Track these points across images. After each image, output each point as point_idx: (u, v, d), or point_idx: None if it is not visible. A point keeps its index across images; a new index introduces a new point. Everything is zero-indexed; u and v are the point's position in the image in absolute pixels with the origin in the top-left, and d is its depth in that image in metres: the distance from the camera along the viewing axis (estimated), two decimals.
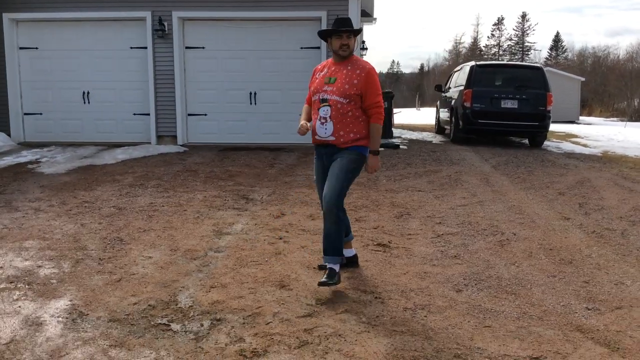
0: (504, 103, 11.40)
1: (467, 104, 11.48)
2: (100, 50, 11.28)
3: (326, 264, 3.77)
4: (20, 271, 4.17)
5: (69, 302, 3.60)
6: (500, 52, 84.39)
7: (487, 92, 11.46)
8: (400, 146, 11.39)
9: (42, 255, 4.56)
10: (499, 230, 5.28)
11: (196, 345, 3.02)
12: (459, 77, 13.02)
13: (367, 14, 17.07)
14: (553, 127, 20.50)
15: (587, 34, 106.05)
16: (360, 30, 3.90)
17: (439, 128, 15.45)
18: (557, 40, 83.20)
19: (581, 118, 35.64)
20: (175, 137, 11.25)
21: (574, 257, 4.49)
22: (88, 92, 11.40)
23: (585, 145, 12.76)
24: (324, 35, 3.87)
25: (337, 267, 3.74)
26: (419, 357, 2.88)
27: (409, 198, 6.66)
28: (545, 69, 36.06)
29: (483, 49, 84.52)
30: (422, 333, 3.15)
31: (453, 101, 12.60)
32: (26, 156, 9.78)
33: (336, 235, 3.74)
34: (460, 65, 14.65)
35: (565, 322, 3.31)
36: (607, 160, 10.13)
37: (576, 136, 15.60)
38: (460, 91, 11.93)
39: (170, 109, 11.19)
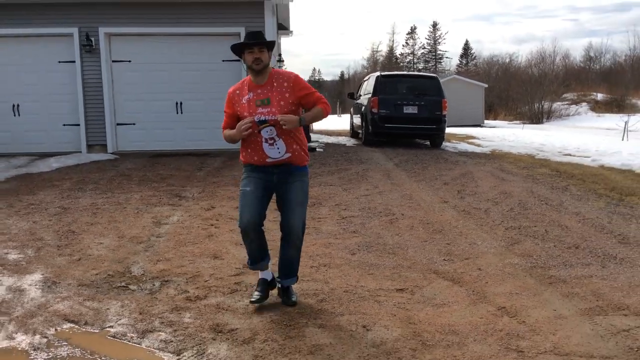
0: (405, 109, 12.86)
1: (375, 110, 12.86)
2: (28, 64, 11.80)
3: (286, 285, 3.86)
4: None
5: (41, 276, 4.46)
6: (415, 60, 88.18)
7: (391, 100, 12.88)
8: (317, 149, 12.58)
9: (6, 245, 5.34)
10: (391, 212, 6.51)
11: (152, 297, 4.00)
12: (368, 86, 14.43)
13: (283, 27, 18.23)
14: (457, 130, 22.45)
15: (495, 42, 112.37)
16: (273, 43, 3.73)
17: (353, 132, 16.81)
18: (466, 48, 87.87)
19: (486, 121, 38.37)
20: (105, 145, 11.92)
21: (443, 228, 5.77)
22: (18, 105, 11.89)
23: (479, 145, 14.43)
24: (236, 50, 3.70)
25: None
26: (319, 293, 3.99)
27: (321, 191, 7.80)
28: (451, 76, 38.58)
29: (399, 57, 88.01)
30: (322, 280, 4.27)
31: (363, 107, 13.97)
32: None
33: (298, 259, 3.83)
34: (368, 75, 16.09)
35: (426, 269, 4.53)
36: (493, 157, 11.73)
37: (474, 137, 17.37)
38: (369, 98, 13.30)
39: (99, 119, 11.86)
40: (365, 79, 16.02)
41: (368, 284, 4.17)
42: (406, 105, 12.90)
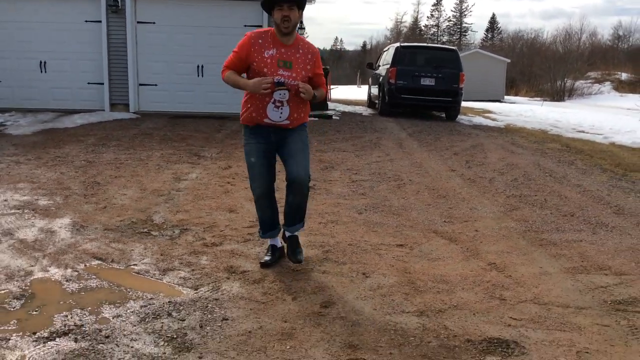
0: (423, 80, 13.02)
1: (392, 81, 13.04)
2: (56, 22, 12.11)
3: (292, 233, 3.91)
4: (23, 202, 5.35)
5: (70, 220, 4.84)
6: (440, 33, 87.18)
7: (409, 71, 13.04)
8: (333, 117, 12.83)
9: (36, 192, 5.73)
10: (400, 178, 6.80)
11: (172, 242, 4.36)
12: (387, 56, 14.57)
13: None
14: (475, 104, 22.48)
15: (524, 16, 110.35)
16: (303, 2, 3.61)
17: (370, 102, 17.00)
18: (492, 21, 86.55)
19: (507, 97, 38.12)
20: (127, 105, 12.28)
21: (448, 194, 6.06)
22: (45, 62, 12.25)
23: (494, 120, 14.57)
24: (266, 7, 3.62)
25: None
26: (325, 245, 4.32)
27: (334, 156, 8.09)
28: (473, 50, 38.23)
29: (423, 28, 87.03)
30: (329, 234, 4.60)
31: (381, 78, 14.14)
32: None
33: (304, 206, 3.88)
34: (388, 46, 16.20)
35: (427, 228, 4.84)
36: (506, 131, 11.91)
37: (491, 112, 17.47)
38: (387, 69, 13.46)
39: (123, 79, 12.19)
40: (384, 50, 16.14)
41: (371, 239, 4.49)
42: (424, 77, 13.05)
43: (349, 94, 28.09)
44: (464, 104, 19.37)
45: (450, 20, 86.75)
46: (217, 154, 8.01)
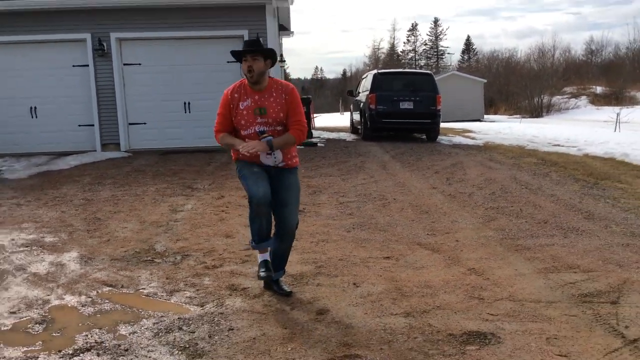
0: (402, 104, 13.53)
1: (372, 106, 13.53)
2: (44, 69, 12.51)
3: (275, 277, 3.98)
4: (30, 240, 5.65)
5: (77, 253, 5.15)
6: (417, 57, 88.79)
7: (388, 96, 13.55)
8: (318, 144, 13.26)
9: (41, 231, 6.04)
10: (384, 197, 7.18)
11: (175, 267, 4.69)
12: (366, 83, 15.11)
13: (284, 28, 18.91)
14: (456, 124, 23.08)
15: (498, 36, 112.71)
16: (269, 51, 3.80)
17: (353, 128, 17.48)
18: (468, 43, 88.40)
19: (487, 116, 38.99)
20: (118, 144, 12.63)
21: (430, 210, 6.44)
22: (35, 107, 12.61)
23: (473, 138, 15.08)
24: (235, 57, 3.81)
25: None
26: (318, 262, 4.67)
27: (321, 181, 8.47)
28: (450, 72, 39.19)
29: (400, 54, 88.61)
30: (320, 252, 4.95)
31: (362, 104, 14.64)
32: None
33: (289, 253, 4.06)
34: (366, 73, 16.77)
35: (411, 241, 5.20)
36: (485, 149, 12.38)
37: (470, 131, 18.01)
38: (367, 95, 13.97)
39: (112, 119, 12.57)
40: (363, 77, 16.70)
41: (360, 254, 4.85)
42: (402, 101, 13.57)
43: (332, 121, 28.63)
44: (444, 124, 19.95)
45: (427, 44, 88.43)
46: (210, 185, 8.36)
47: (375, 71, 14.65)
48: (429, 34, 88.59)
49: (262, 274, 3.81)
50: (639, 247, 4.83)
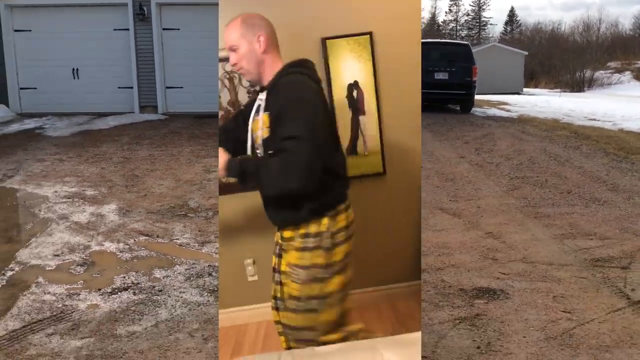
0: (437, 75, 13.49)
1: None
2: (87, 31, 12.85)
3: None
4: (72, 193, 6.00)
5: (116, 206, 5.47)
6: (458, 27, 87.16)
7: (423, 66, 13.46)
8: None
9: (82, 185, 6.38)
10: None
11: (207, 221, 4.96)
12: None
13: None
14: (493, 97, 22.81)
15: (544, 8, 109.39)
16: None
17: None
18: (511, 15, 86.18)
19: (526, 90, 38.23)
20: (155, 107, 12.97)
21: (455, 177, 6.57)
22: (77, 69, 13.01)
23: (508, 111, 14.97)
24: None
25: None
26: None
27: None
28: (490, 44, 38.40)
29: (441, 24, 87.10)
30: None
31: None
32: (29, 124, 11.40)
33: None
34: None
35: (434, 206, 5.36)
36: (519, 121, 12.33)
37: (506, 104, 17.83)
38: None
39: (151, 83, 12.89)
40: None
41: None
42: (437, 72, 13.53)
43: None
44: (481, 97, 19.78)
45: (469, 15, 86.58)
46: None
47: None
48: (472, 4, 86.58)
49: None
50: None
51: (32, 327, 2.99)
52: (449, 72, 13.52)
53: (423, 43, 14.67)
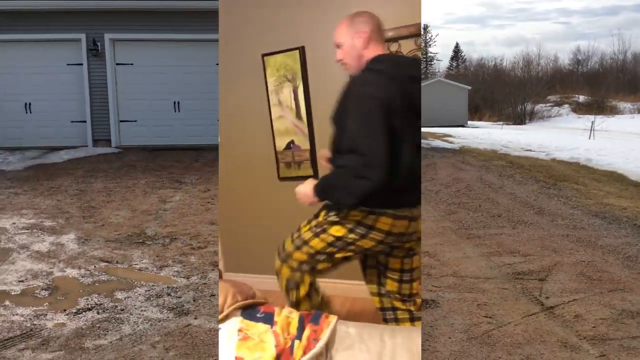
0: None
1: None
2: (40, 66, 12.99)
3: None
4: (30, 224, 6.17)
5: (75, 235, 5.69)
6: None
7: None
8: None
9: (39, 216, 6.56)
10: None
11: (164, 248, 5.24)
12: None
13: None
14: (438, 129, 23.79)
15: (488, 44, 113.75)
16: None
17: None
18: (457, 51, 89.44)
19: (471, 122, 39.80)
20: (109, 140, 13.13)
21: None
22: (30, 103, 13.08)
23: (451, 142, 15.75)
24: None
25: None
26: None
27: None
28: (435, 79, 39.88)
29: None
30: None
31: None
32: None
33: None
34: None
35: None
36: (460, 152, 13.04)
37: (450, 136, 18.71)
38: None
39: (104, 116, 13.07)
40: None
41: None
42: None
43: None
44: (427, 129, 20.63)
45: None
46: (197, 180, 8.91)
47: None
48: None
49: None
50: (577, 237, 5.46)
51: (4, 343, 3.23)
52: None
53: None
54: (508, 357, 3.02)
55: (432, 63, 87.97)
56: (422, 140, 15.49)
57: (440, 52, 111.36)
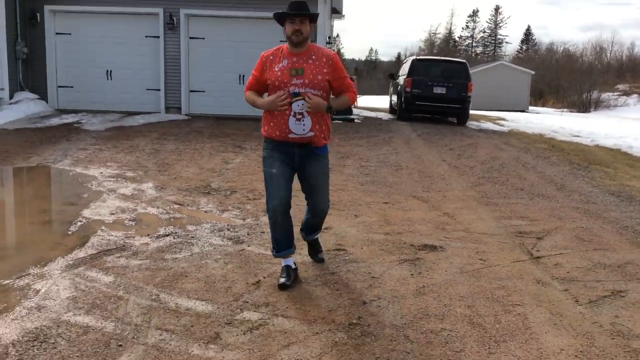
0: (435, 89, 14.79)
1: (408, 89, 14.85)
2: (121, 37, 14.30)
3: (309, 238, 4.30)
4: (115, 174, 7.32)
5: (153, 184, 6.79)
6: (474, 44, 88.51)
7: (423, 81, 14.83)
8: (355, 120, 14.68)
9: (122, 168, 7.71)
10: (399, 165, 8.59)
11: (226, 197, 6.25)
12: (404, 68, 16.39)
13: (336, 11, 20.21)
14: (494, 113, 23.99)
15: (562, 28, 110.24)
16: (316, 15, 3.67)
17: (391, 109, 18.79)
18: (528, 33, 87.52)
19: (532, 108, 39.34)
20: (179, 108, 14.36)
21: (433, 175, 7.83)
22: (111, 71, 14.43)
23: (502, 125, 16.19)
24: (279, 19, 3.69)
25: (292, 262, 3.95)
26: (332, 202, 6.13)
27: (350, 149, 9.92)
28: (498, 62, 39.44)
29: (457, 39, 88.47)
30: (336, 196, 6.41)
31: (399, 87, 15.96)
32: (67, 119, 12.80)
33: (322, 224, 4.26)
34: (406, 59, 18.02)
35: (408, 194, 6.63)
36: (506, 135, 13.55)
37: (503, 119, 19.04)
38: (404, 79, 15.28)
39: (176, 86, 14.29)
40: (404, 62, 17.98)
41: (366, 199, 6.32)
42: (436, 86, 14.82)
43: (379, 103, 29.86)
44: (482, 112, 21.00)
45: (485, 32, 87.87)
46: (255, 146, 9.92)
47: (414, 57, 15.94)
48: (488, 21, 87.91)
49: (282, 279, 3.77)
50: (586, 209, 6.13)
51: (105, 252, 4.30)
52: (446, 87, 14.81)
53: (424, 60, 16.01)
54: (488, 285, 3.85)
55: (501, 45, 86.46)
56: (474, 122, 16.02)
57: (511, 34, 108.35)
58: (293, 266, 3.89)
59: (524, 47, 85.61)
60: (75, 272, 3.86)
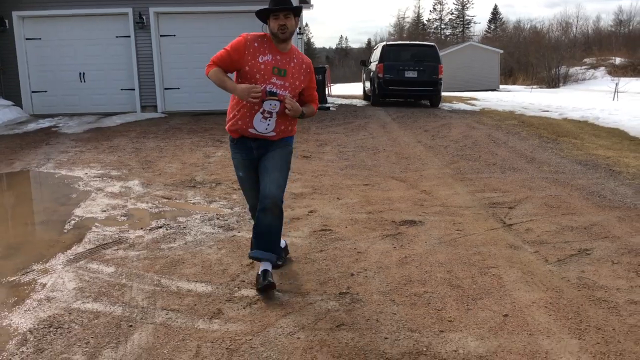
0: (406, 73, 15.10)
1: (380, 75, 15.14)
2: (92, 39, 14.33)
3: (265, 261, 3.53)
4: (100, 174, 7.48)
5: (138, 181, 6.97)
6: (442, 26, 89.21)
7: (395, 65, 15.13)
8: (331, 108, 14.93)
9: (106, 168, 7.87)
10: (377, 148, 8.88)
11: (211, 189, 6.47)
12: (375, 54, 16.67)
13: (305, 1, 20.35)
14: (466, 93, 24.45)
15: (528, 5, 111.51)
16: (299, 9, 3.55)
17: (365, 95, 19.08)
18: (495, 13, 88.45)
19: (503, 87, 40.04)
20: (155, 106, 14.47)
21: (409, 156, 8.14)
22: (83, 73, 14.47)
23: (473, 105, 16.58)
24: (261, 16, 3.54)
25: (270, 267, 3.56)
26: (314, 186, 6.41)
27: (327, 136, 10.18)
28: (467, 43, 39.99)
29: (426, 23, 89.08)
30: (317, 181, 6.69)
31: (372, 73, 16.24)
32: (44, 123, 12.84)
33: (278, 230, 3.54)
34: (377, 45, 18.31)
35: (387, 176, 6.92)
36: (478, 114, 13.94)
37: (474, 99, 19.47)
38: (376, 65, 15.56)
39: (150, 84, 14.39)
40: (374, 48, 18.25)
41: (346, 182, 6.59)
42: (407, 70, 15.14)
43: (352, 90, 30.13)
44: (454, 93, 21.40)
45: (453, 14, 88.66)
46: None
47: (384, 43, 16.23)
48: (455, 2, 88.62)
49: (259, 285, 3.50)
50: (554, 179, 6.48)
51: (103, 246, 4.51)
52: (417, 71, 15.13)
53: (394, 45, 16.30)
54: (465, 252, 4.16)
55: (469, 26, 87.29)
56: (446, 104, 16.38)
57: (478, 14, 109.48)
58: (270, 269, 3.55)
59: (492, 27, 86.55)
60: (77, 266, 4.07)
